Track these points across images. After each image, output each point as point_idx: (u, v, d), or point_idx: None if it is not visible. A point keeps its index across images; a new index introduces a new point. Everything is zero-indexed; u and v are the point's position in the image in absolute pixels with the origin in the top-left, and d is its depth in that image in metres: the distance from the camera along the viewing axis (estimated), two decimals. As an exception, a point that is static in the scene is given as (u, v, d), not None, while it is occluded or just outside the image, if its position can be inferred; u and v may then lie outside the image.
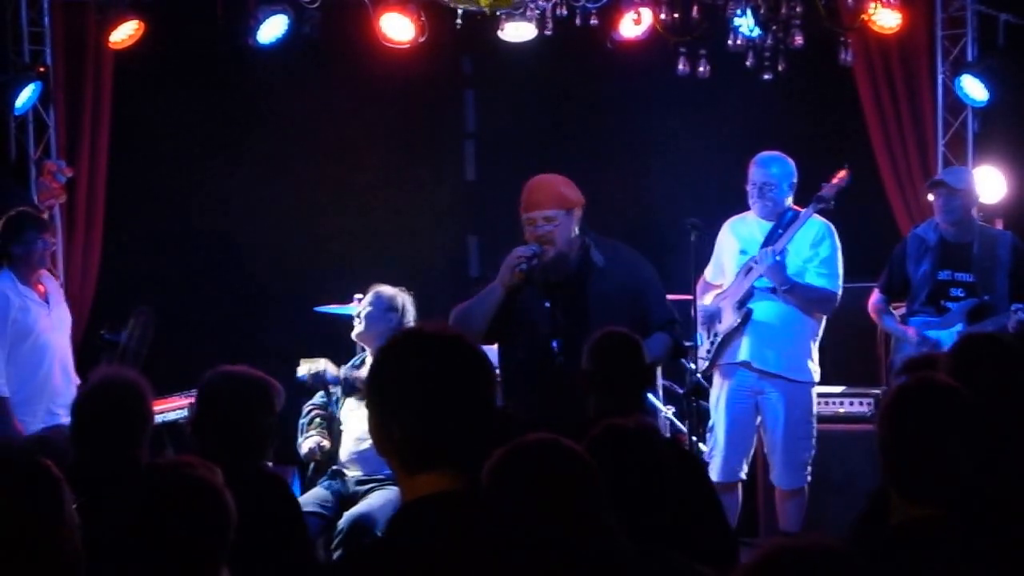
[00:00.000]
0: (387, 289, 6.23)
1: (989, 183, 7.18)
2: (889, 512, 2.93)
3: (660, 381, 6.83)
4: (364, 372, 6.15)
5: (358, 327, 6.17)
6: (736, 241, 6.38)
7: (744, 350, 6.22)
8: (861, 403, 6.82)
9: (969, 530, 2.74)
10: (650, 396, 5.71)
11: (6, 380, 6.31)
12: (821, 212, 6.25)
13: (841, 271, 6.27)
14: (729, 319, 6.23)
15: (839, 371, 6.85)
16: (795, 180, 6.31)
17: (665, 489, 3.12)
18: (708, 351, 6.30)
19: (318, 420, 6.19)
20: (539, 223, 5.08)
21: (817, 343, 6.31)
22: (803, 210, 6.22)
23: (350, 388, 6.14)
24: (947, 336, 6.12)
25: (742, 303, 6.20)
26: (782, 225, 6.24)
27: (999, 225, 7.07)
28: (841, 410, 6.83)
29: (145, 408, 3.93)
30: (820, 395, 6.49)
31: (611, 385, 4.20)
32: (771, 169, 6.29)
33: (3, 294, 6.37)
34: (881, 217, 7.44)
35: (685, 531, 3.18)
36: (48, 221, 6.62)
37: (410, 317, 6.20)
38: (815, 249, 6.23)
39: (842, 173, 6.21)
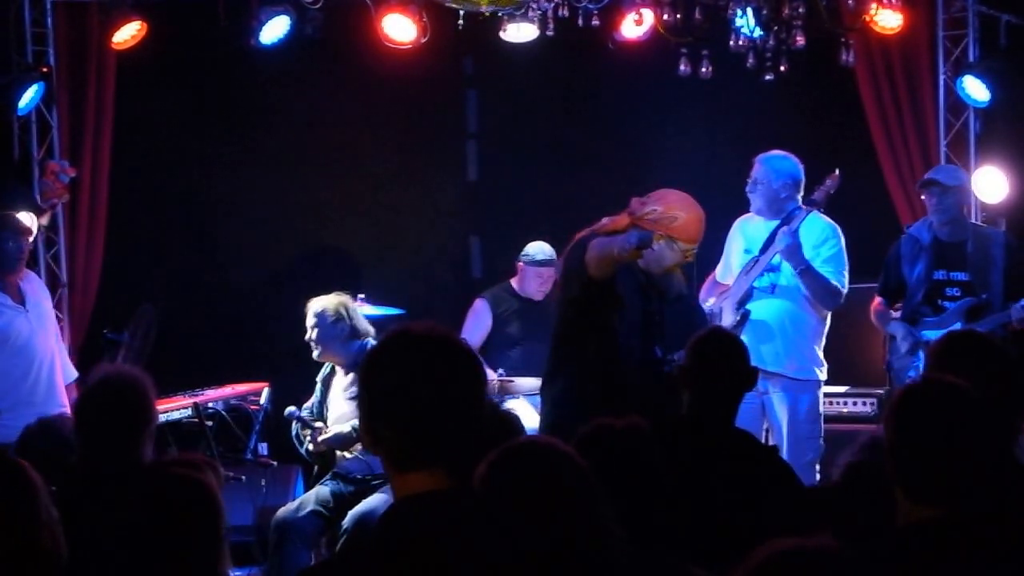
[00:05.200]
0: (321, 301, 6.21)
1: (991, 183, 7.18)
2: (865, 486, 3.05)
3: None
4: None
5: (316, 351, 6.17)
6: (743, 240, 6.40)
7: None
8: (865, 403, 6.82)
9: (977, 531, 2.73)
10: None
11: None
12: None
13: (847, 270, 6.27)
14: (728, 320, 6.23)
15: (842, 371, 6.84)
16: (795, 180, 6.30)
17: (655, 489, 3.11)
18: None
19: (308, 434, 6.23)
20: (691, 255, 5.22)
21: (822, 344, 6.30)
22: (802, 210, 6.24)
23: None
24: (944, 336, 6.13)
25: (740, 304, 6.21)
26: (785, 223, 6.24)
27: (1002, 225, 7.08)
28: (845, 410, 6.84)
29: (148, 406, 3.92)
30: (824, 395, 6.47)
31: (712, 384, 4.18)
32: (763, 166, 6.32)
33: None
34: (884, 218, 7.43)
35: (679, 531, 3.17)
36: (26, 223, 6.55)
37: (356, 316, 6.20)
38: (818, 249, 6.22)
39: (833, 175, 6.22)
